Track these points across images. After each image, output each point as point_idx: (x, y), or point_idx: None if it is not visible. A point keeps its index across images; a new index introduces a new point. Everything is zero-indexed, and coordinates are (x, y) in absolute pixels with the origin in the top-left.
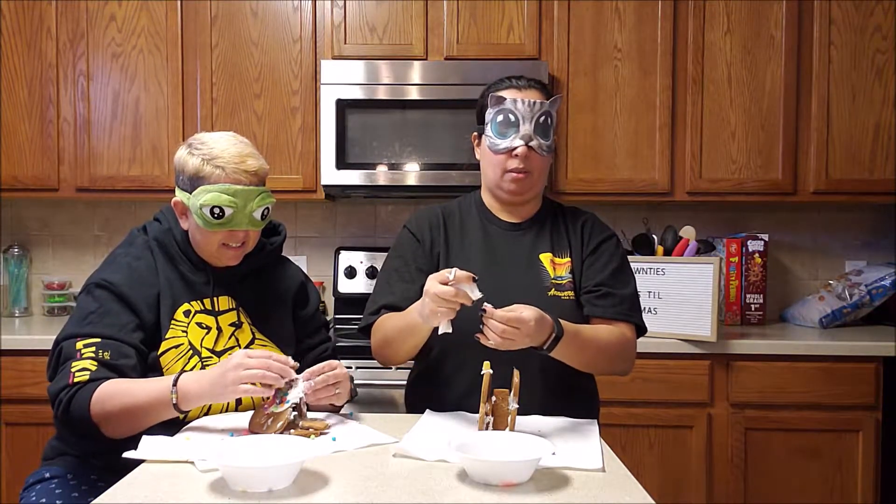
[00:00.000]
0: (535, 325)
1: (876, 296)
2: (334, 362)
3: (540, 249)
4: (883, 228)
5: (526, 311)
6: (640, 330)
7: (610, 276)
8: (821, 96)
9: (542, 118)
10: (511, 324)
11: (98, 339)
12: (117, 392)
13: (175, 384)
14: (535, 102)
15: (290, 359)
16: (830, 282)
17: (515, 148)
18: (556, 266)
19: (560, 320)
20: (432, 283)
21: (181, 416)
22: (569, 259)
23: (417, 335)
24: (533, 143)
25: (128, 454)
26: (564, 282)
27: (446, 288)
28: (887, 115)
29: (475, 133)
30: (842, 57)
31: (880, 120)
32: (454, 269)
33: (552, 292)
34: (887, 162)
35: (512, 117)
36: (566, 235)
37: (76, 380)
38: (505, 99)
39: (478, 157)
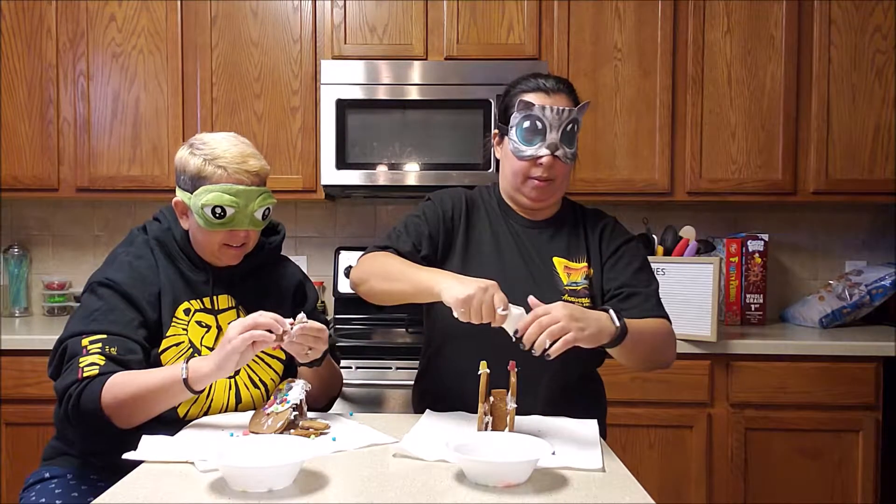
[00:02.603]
0: (568, 311)
1: (876, 296)
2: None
3: (554, 252)
4: (883, 228)
5: (551, 307)
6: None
7: (632, 277)
8: (821, 96)
9: (570, 126)
10: (539, 318)
11: (104, 336)
12: (128, 380)
13: (187, 362)
14: (563, 110)
15: (279, 317)
16: (830, 282)
17: (541, 157)
18: (571, 272)
19: (619, 312)
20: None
21: (186, 405)
22: (585, 265)
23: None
24: (559, 153)
25: (128, 455)
26: (580, 288)
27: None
28: (887, 115)
29: (496, 131)
30: (842, 57)
31: (880, 120)
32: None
33: (566, 298)
34: (887, 162)
35: (539, 125)
36: (584, 240)
37: (85, 374)
38: (533, 105)
39: (497, 156)
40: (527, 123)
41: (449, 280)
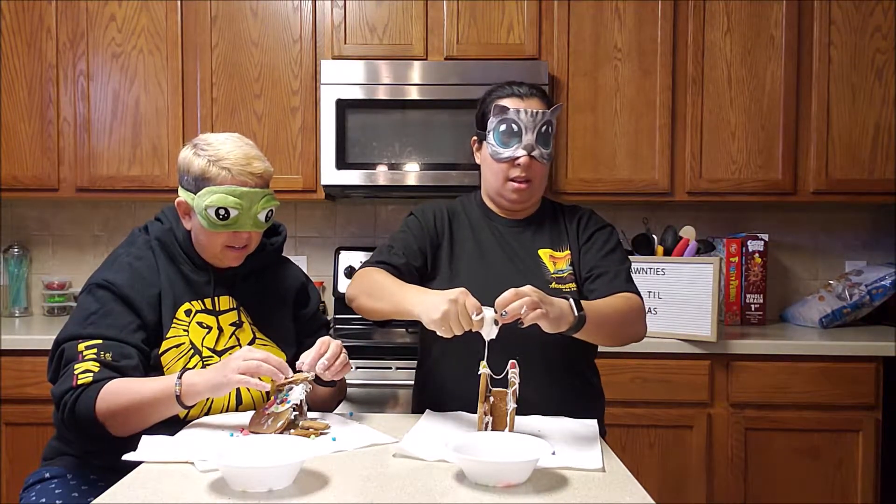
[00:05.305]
0: (538, 294)
1: (876, 296)
2: (326, 338)
3: (539, 245)
4: (883, 228)
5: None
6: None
7: (602, 259)
8: (821, 96)
9: (544, 128)
10: (513, 298)
11: (100, 341)
12: (122, 390)
13: (180, 377)
14: (537, 112)
15: (287, 367)
16: (830, 282)
17: (518, 158)
18: (556, 261)
19: (578, 300)
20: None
21: (184, 411)
22: (568, 252)
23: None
24: (535, 153)
25: (128, 456)
26: (565, 274)
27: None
28: (887, 115)
29: (474, 137)
30: (842, 57)
31: (880, 120)
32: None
33: (554, 285)
34: (887, 162)
35: (515, 127)
36: (564, 230)
37: (80, 382)
38: (508, 109)
39: (477, 161)
40: (503, 127)
41: (422, 302)
